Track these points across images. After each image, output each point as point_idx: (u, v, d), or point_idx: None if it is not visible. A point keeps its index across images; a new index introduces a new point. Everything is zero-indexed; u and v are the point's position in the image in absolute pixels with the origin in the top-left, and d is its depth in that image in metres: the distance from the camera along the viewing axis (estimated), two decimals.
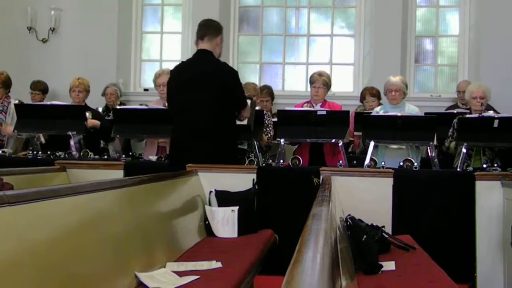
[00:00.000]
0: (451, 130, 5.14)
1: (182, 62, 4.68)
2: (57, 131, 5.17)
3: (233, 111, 4.47)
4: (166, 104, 5.35)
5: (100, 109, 6.48)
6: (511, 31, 7.21)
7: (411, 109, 5.28)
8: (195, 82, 4.37)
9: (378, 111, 5.35)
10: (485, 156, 4.95)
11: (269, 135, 5.48)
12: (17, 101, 5.70)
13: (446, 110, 6.50)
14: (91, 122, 5.49)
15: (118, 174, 4.45)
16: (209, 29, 4.50)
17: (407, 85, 5.41)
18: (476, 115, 4.86)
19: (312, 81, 5.40)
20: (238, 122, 4.60)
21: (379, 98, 6.32)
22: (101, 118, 5.80)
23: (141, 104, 5.55)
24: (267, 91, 6.70)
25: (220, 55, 4.55)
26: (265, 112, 5.60)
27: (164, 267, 2.79)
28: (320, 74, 5.41)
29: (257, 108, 5.14)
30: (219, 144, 4.33)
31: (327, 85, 5.38)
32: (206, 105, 4.33)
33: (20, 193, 1.86)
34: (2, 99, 5.81)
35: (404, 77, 6.51)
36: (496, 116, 4.67)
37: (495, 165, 4.50)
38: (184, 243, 3.36)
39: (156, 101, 5.69)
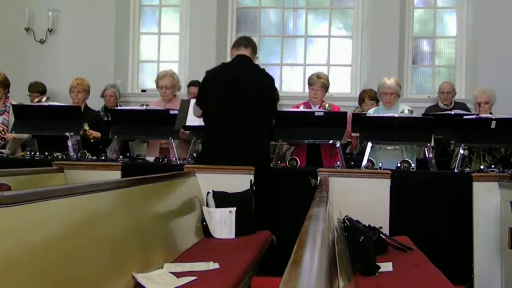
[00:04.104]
0: None
1: (222, 64, 4.73)
2: (54, 132, 5.17)
3: (269, 114, 4.54)
4: (167, 106, 5.36)
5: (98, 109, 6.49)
6: (508, 32, 7.22)
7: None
8: (237, 84, 4.41)
9: (371, 112, 5.32)
10: (485, 162, 4.96)
11: None
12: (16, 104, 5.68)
13: (426, 110, 6.47)
14: (93, 133, 5.43)
15: (115, 175, 4.45)
16: (252, 44, 4.62)
17: (400, 86, 5.40)
18: (473, 116, 4.86)
19: (310, 83, 5.39)
20: None
21: (377, 101, 6.32)
22: (101, 129, 5.61)
23: (142, 105, 5.52)
24: None
25: None
26: None
27: (162, 268, 2.79)
28: (318, 76, 5.41)
29: None
30: (259, 145, 4.38)
31: (326, 87, 5.38)
32: (249, 107, 4.37)
33: (18, 194, 1.86)
34: (3, 99, 5.79)
35: (401, 78, 6.52)
36: (493, 118, 4.67)
37: (493, 166, 4.50)
38: (181, 244, 3.36)
39: (157, 102, 5.68)
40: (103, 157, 5.08)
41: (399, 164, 4.42)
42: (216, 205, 3.95)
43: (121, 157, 5.02)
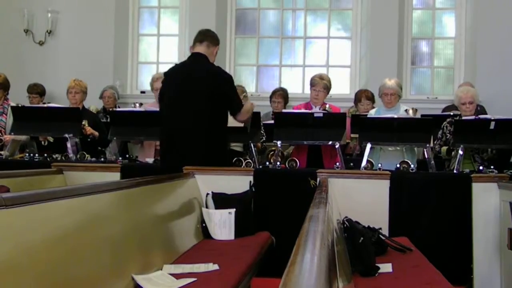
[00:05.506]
0: (440, 132, 5.12)
1: (176, 64, 4.70)
2: (54, 133, 5.16)
3: (225, 115, 4.48)
4: None
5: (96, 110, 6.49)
6: (506, 33, 7.23)
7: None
8: (188, 84, 4.39)
9: (372, 113, 5.33)
10: (476, 163, 4.96)
11: (263, 138, 5.47)
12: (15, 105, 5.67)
13: (443, 110, 6.52)
14: (90, 130, 5.44)
15: (115, 176, 4.45)
16: (209, 37, 4.57)
17: (401, 87, 5.40)
18: (473, 117, 4.86)
19: (313, 84, 5.38)
20: (234, 124, 4.61)
21: (373, 101, 6.34)
22: (100, 129, 5.65)
23: (134, 104, 5.50)
24: (281, 93, 6.71)
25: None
26: None
27: (161, 269, 2.79)
28: (321, 77, 5.39)
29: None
30: (209, 147, 4.35)
31: (328, 88, 5.37)
32: (198, 108, 4.35)
33: (17, 195, 1.86)
34: (2, 101, 5.78)
35: (400, 79, 6.52)
36: (492, 118, 4.67)
37: (492, 167, 4.50)
38: (181, 245, 3.36)
39: (153, 103, 5.68)
40: (102, 159, 5.08)
41: (398, 165, 4.43)
42: (216, 206, 3.95)
43: (120, 158, 5.01)
